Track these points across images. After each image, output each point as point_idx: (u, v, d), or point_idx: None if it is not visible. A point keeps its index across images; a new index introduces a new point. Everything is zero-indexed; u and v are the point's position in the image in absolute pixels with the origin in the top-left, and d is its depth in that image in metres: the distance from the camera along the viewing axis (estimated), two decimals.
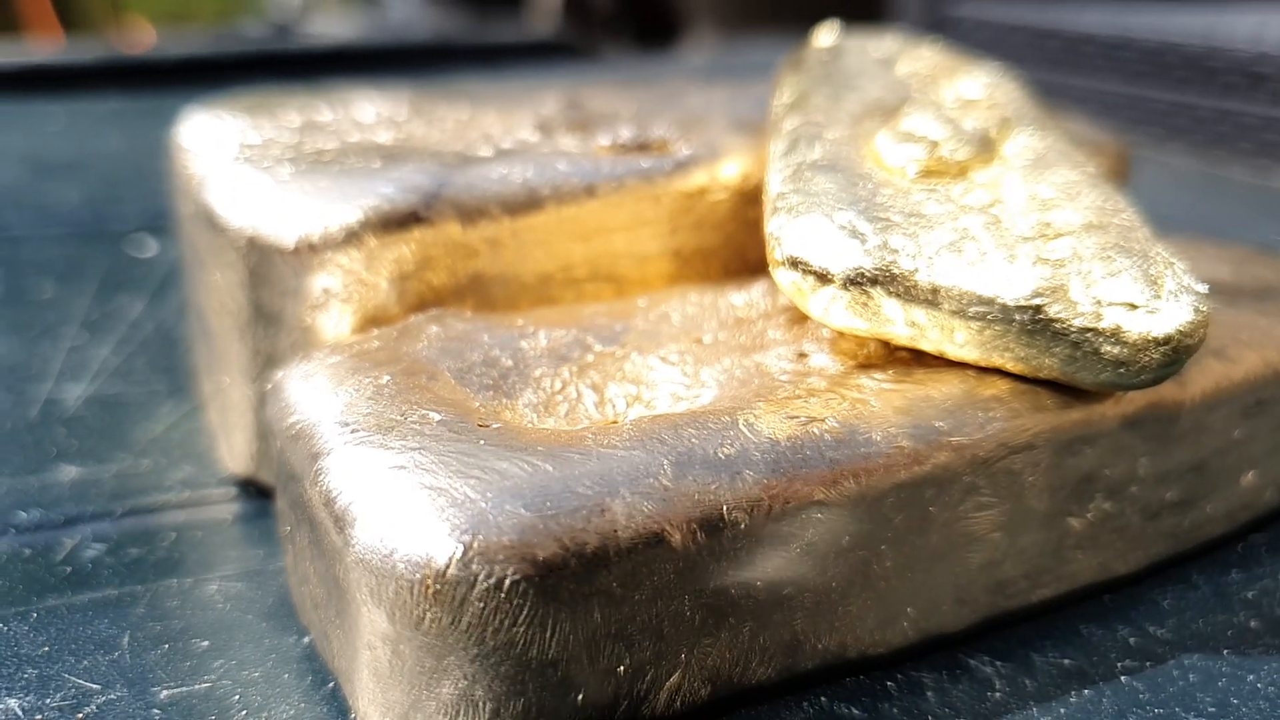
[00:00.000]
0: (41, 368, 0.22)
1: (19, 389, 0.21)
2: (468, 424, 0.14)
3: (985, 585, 0.16)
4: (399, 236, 0.17)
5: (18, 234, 0.29)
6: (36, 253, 0.28)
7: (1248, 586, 0.18)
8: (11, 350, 0.23)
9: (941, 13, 0.67)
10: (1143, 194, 0.20)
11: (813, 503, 0.13)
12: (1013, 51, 0.59)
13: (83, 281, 0.26)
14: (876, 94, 0.20)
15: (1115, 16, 0.52)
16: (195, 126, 0.20)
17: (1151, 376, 0.15)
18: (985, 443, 0.15)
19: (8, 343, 0.23)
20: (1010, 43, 0.61)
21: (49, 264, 0.27)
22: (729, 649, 0.14)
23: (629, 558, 0.12)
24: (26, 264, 0.27)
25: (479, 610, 0.12)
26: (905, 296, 0.15)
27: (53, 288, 0.26)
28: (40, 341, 0.23)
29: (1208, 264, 0.22)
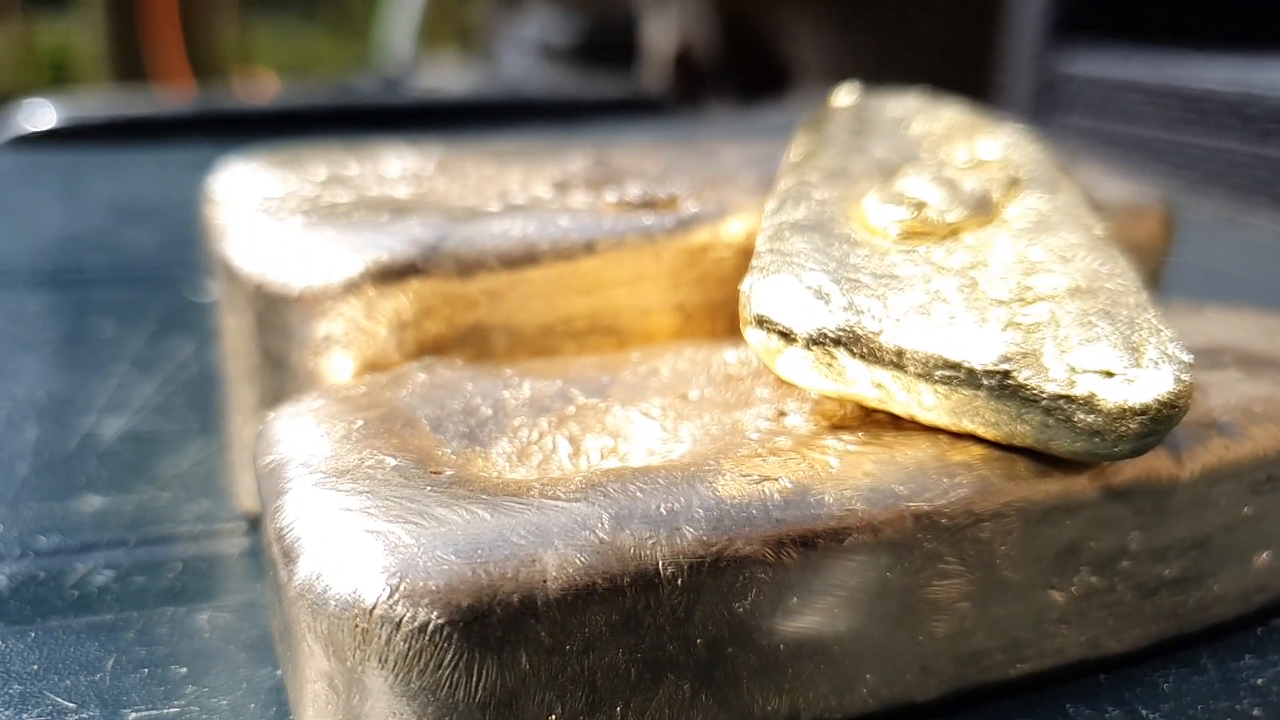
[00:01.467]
0: (87, 402, 0.24)
1: (63, 421, 0.23)
2: (420, 471, 0.14)
3: (955, 656, 0.16)
4: (397, 287, 0.18)
5: (91, 276, 0.31)
6: (105, 294, 0.30)
7: (1259, 673, 0.17)
8: (64, 385, 0.25)
9: (1053, 70, 0.67)
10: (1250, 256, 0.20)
11: (755, 562, 0.14)
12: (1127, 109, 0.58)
13: (141, 322, 0.28)
14: (881, 154, 0.20)
15: (1238, 73, 0.51)
16: (226, 178, 0.21)
17: (1130, 447, 0.15)
18: (948, 509, 0.15)
19: (62, 378, 0.25)
20: (1124, 100, 0.60)
21: (114, 305, 0.29)
22: (668, 705, 0.14)
23: (558, 609, 0.13)
24: (95, 304, 0.29)
25: (404, 651, 0.12)
26: (869, 358, 0.15)
27: (113, 327, 0.28)
28: (91, 378, 0.25)
29: (1239, 332, 0.21)
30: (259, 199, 0.20)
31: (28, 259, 0.32)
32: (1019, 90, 0.69)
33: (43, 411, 0.23)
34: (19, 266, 0.32)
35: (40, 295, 0.30)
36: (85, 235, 0.35)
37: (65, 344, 0.27)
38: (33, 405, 0.24)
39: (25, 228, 0.36)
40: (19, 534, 0.19)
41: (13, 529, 0.19)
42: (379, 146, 0.24)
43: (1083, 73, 0.65)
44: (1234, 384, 0.18)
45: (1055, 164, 0.21)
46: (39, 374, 0.25)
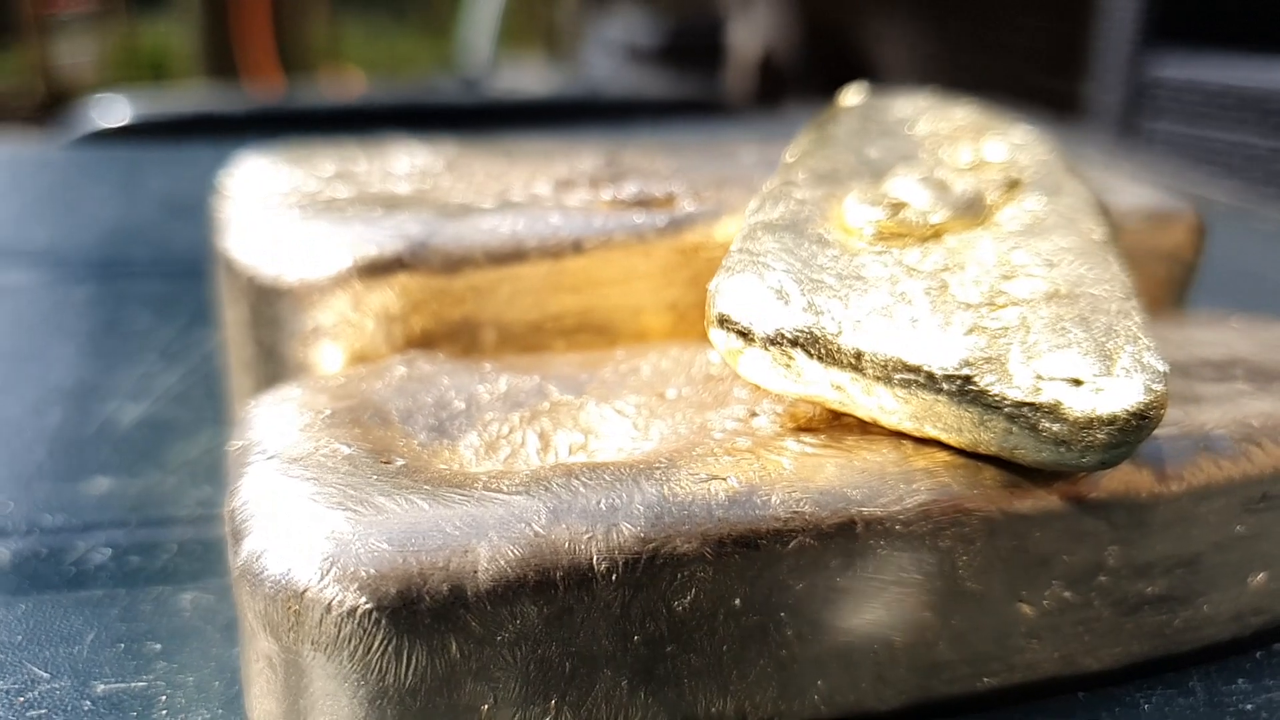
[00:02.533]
0: (111, 389, 0.25)
1: (84, 407, 0.24)
2: (370, 461, 0.15)
3: (914, 667, 0.15)
4: (384, 281, 0.19)
5: (135, 269, 0.33)
6: (145, 286, 0.31)
7: (1250, 698, 0.17)
8: (92, 372, 0.26)
9: (1144, 75, 0.65)
10: None
11: (694, 560, 0.14)
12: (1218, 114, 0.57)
13: (175, 314, 0.29)
14: (877, 154, 0.20)
15: None
16: (238, 173, 0.22)
17: (1099, 458, 0.14)
18: (903, 516, 0.14)
19: (91, 365, 0.26)
20: (1216, 105, 0.58)
21: (152, 297, 0.30)
22: (605, 701, 0.14)
23: (489, 599, 0.13)
24: (134, 295, 0.31)
25: (334, 634, 0.13)
26: (827, 359, 0.15)
27: (148, 318, 0.29)
28: (119, 366, 0.26)
29: (1261, 345, 0.21)
30: (262, 193, 0.21)
31: (79, 251, 0.34)
32: (1109, 95, 0.67)
33: (68, 397, 0.24)
34: (70, 258, 0.33)
35: (85, 286, 0.31)
36: (136, 229, 0.36)
37: (100, 333, 0.28)
38: (60, 391, 0.25)
39: (82, 220, 0.37)
40: (27, 512, 0.20)
41: (23, 507, 0.20)
42: (393, 144, 0.24)
43: (1174, 77, 0.64)
44: (1237, 398, 0.18)
45: (1065, 167, 0.20)
46: (71, 361, 0.26)
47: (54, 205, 0.40)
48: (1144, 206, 0.23)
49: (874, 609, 0.15)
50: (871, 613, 0.15)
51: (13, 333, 0.28)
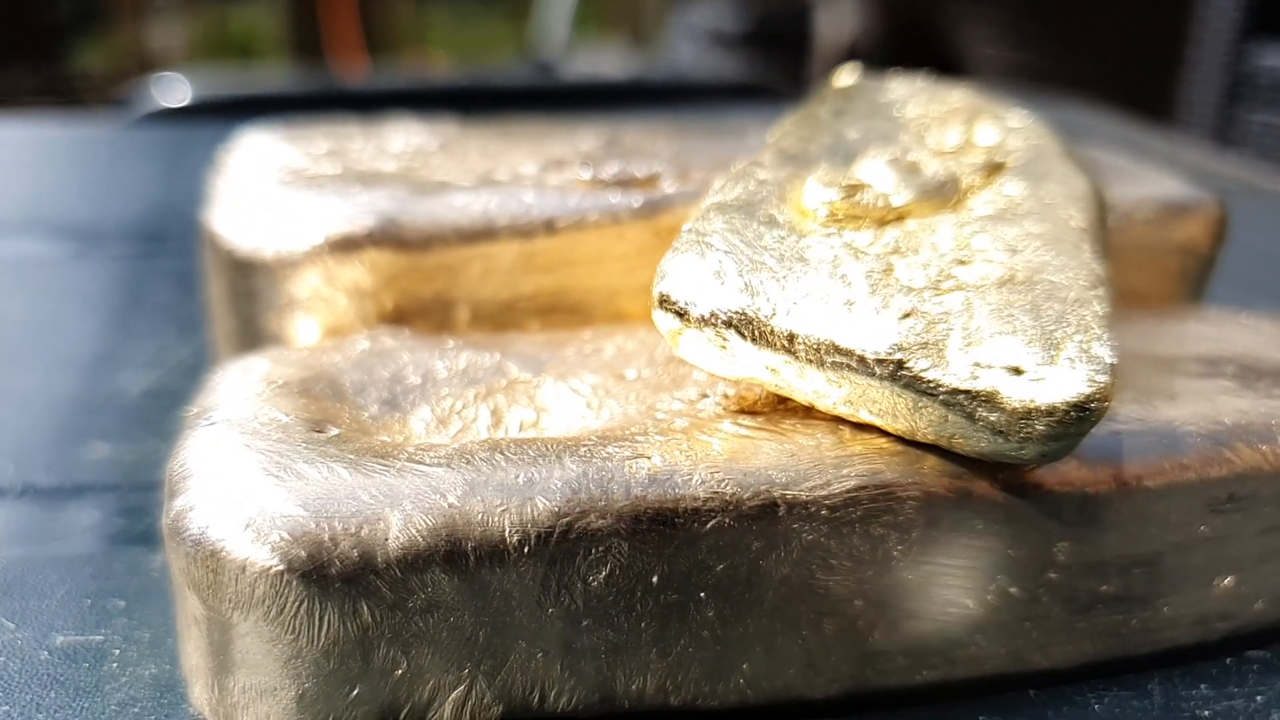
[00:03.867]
0: (125, 360, 0.26)
1: (97, 375, 0.25)
2: (303, 430, 0.15)
3: (847, 655, 0.15)
4: (354, 256, 0.19)
5: (170, 245, 0.34)
6: (174, 262, 0.32)
7: (1209, 705, 0.16)
8: (110, 343, 0.27)
9: (1243, 66, 0.63)
10: None
11: (610, 536, 0.14)
12: None
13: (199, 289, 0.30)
14: (857, 135, 0.20)
15: None
16: (235, 149, 0.23)
17: (1039, 449, 0.14)
18: (829, 501, 0.15)
19: (110, 337, 0.27)
20: None
21: (179, 272, 0.32)
22: (522, 673, 0.14)
23: (399, 567, 0.13)
24: (162, 270, 0.32)
25: (249, 594, 0.13)
26: (760, 341, 0.15)
27: (172, 292, 0.30)
28: (137, 338, 0.27)
29: (1262, 343, 0.20)
30: (252, 169, 0.22)
31: (117, 225, 0.36)
32: (1206, 87, 0.65)
33: (82, 365, 0.26)
34: (108, 232, 0.35)
35: (118, 260, 0.33)
36: (175, 205, 0.38)
37: (124, 305, 0.29)
38: (75, 359, 0.26)
39: (126, 197, 0.39)
40: (25, 473, 0.21)
41: (22, 469, 0.21)
42: (395, 123, 0.25)
43: (1275, 68, 0.62)
44: (1216, 395, 0.17)
45: (1060, 152, 0.20)
46: (91, 331, 0.28)
47: (102, 181, 0.42)
48: (1158, 197, 0.23)
49: (800, 594, 0.15)
50: (797, 597, 0.15)
51: (40, 302, 0.29)
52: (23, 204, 0.38)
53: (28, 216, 0.36)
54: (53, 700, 0.15)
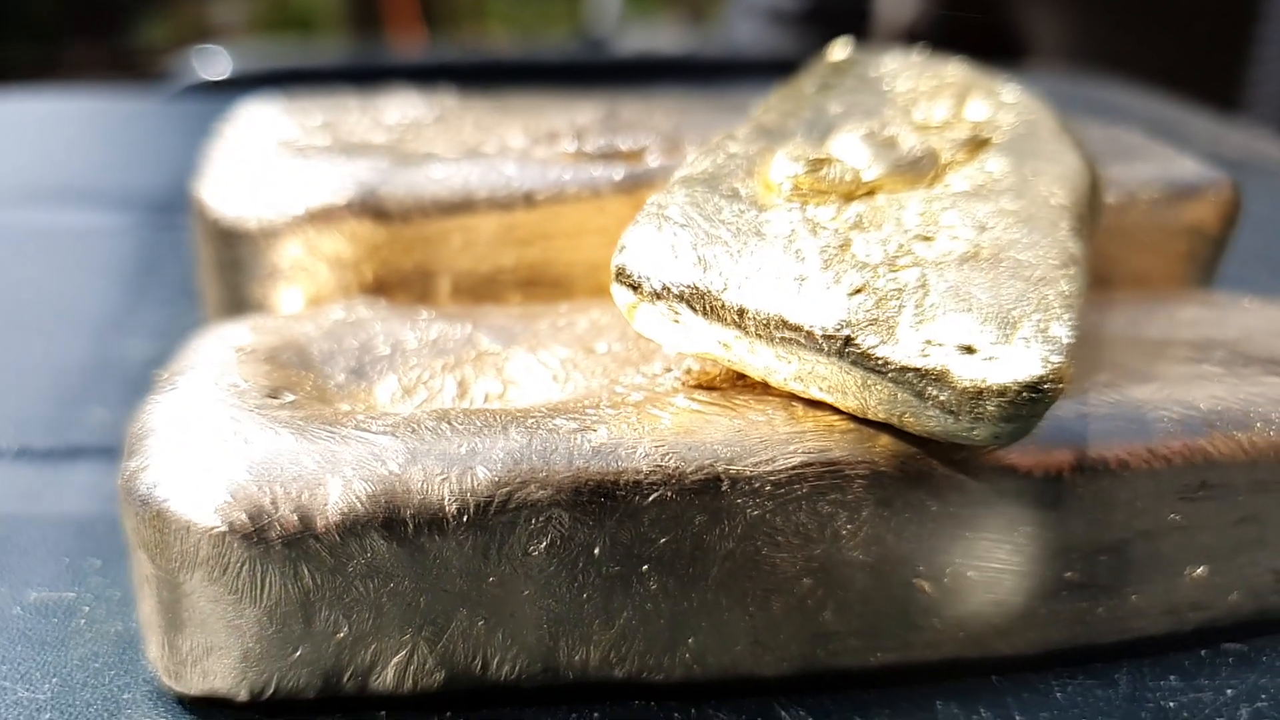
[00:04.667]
0: (135, 327, 0.27)
1: (104, 342, 0.26)
2: (258, 395, 0.15)
3: (797, 634, 0.15)
4: (334, 226, 0.20)
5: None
6: None
7: (1176, 696, 0.16)
8: (122, 309, 0.28)
9: None
10: None
11: (550, 506, 0.14)
12: None
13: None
14: (839, 109, 0.19)
15: None
16: (234, 119, 0.23)
17: (991, 430, 0.14)
18: (774, 476, 0.15)
19: (122, 305, 0.28)
20: None
21: None
22: (463, 640, 0.15)
23: (338, 532, 0.14)
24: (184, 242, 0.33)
25: (193, 554, 0.14)
26: (711, 315, 0.15)
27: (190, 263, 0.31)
28: (149, 305, 0.28)
29: (1260, 329, 0.19)
30: (245, 140, 0.22)
31: (142, 197, 0.36)
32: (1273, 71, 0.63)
33: (92, 333, 0.26)
34: (134, 203, 0.36)
35: (138, 230, 0.33)
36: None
37: (141, 274, 0.30)
38: (85, 327, 0.27)
39: (154, 168, 0.40)
40: (23, 435, 0.22)
41: (21, 431, 0.22)
42: (396, 95, 0.25)
43: None
44: (1197, 381, 0.17)
45: (1055, 128, 0.20)
46: (105, 299, 0.28)
47: (134, 153, 0.43)
48: (1166, 177, 0.22)
49: (746, 570, 0.15)
50: (743, 573, 0.15)
51: (59, 270, 0.30)
52: (54, 173, 0.39)
53: (57, 186, 0.37)
54: (18, 653, 0.16)
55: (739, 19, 1.56)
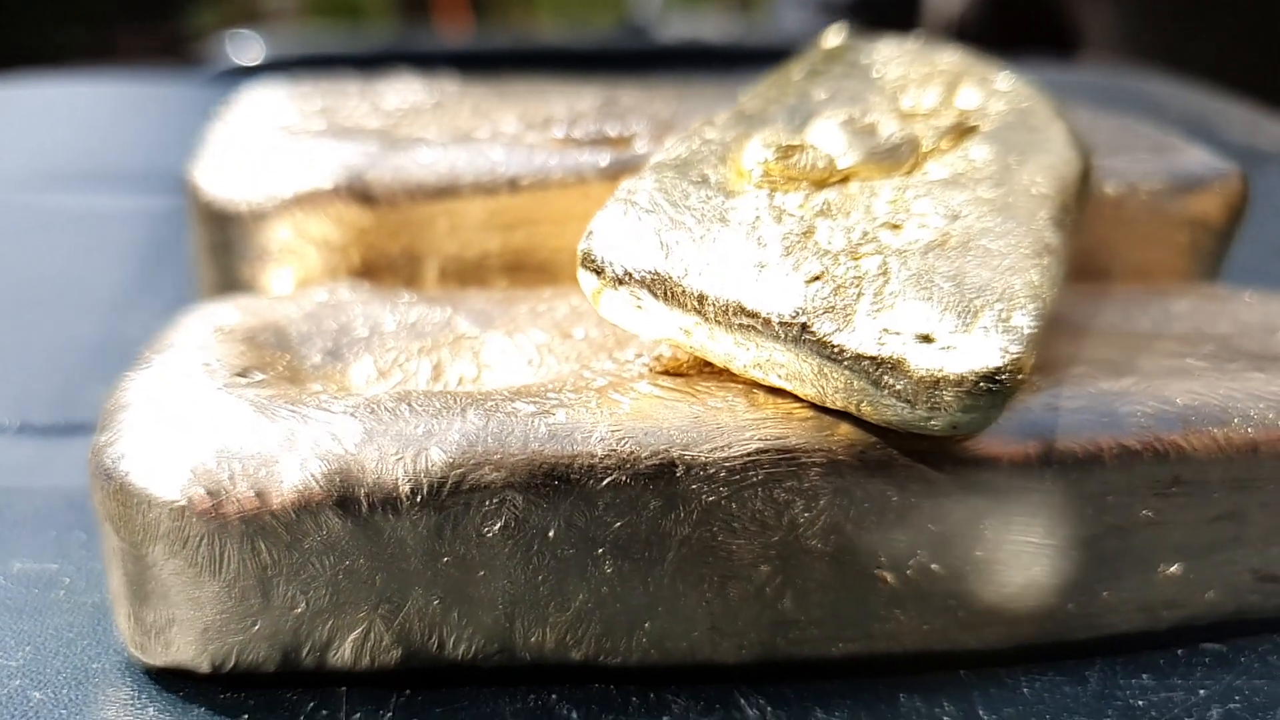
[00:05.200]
0: (143, 307, 0.27)
1: (112, 322, 0.27)
2: (227, 374, 0.16)
3: (756, 621, 0.16)
4: (321, 210, 0.20)
5: None
6: None
7: (1146, 695, 0.16)
8: (132, 292, 0.28)
9: None
10: None
11: (505, 488, 0.14)
12: None
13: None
14: (824, 95, 0.19)
15: None
16: (234, 103, 0.24)
17: (947, 420, 0.14)
18: (729, 462, 0.15)
19: (136, 281, 0.29)
20: None
21: None
22: (419, 619, 0.15)
23: (293, 509, 0.14)
24: None
25: (154, 528, 0.14)
26: (672, 301, 0.15)
27: None
28: (159, 286, 0.29)
29: (1255, 323, 0.19)
30: (243, 124, 0.22)
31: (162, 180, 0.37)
32: None
33: (102, 313, 0.27)
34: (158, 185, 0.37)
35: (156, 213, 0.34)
36: None
37: (154, 256, 0.31)
38: (96, 307, 0.27)
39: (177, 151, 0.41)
40: (24, 410, 0.23)
41: (23, 406, 0.23)
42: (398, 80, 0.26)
43: None
44: (1178, 375, 0.17)
45: (1049, 116, 0.20)
46: (119, 278, 0.29)
47: (162, 137, 0.43)
48: (1171, 169, 0.22)
49: (703, 555, 0.15)
50: (700, 559, 0.15)
51: (76, 251, 0.31)
52: (84, 157, 0.40)
53: (85, 168, 0.38)
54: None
55: (787, 9, 1.55)
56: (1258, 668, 0.17)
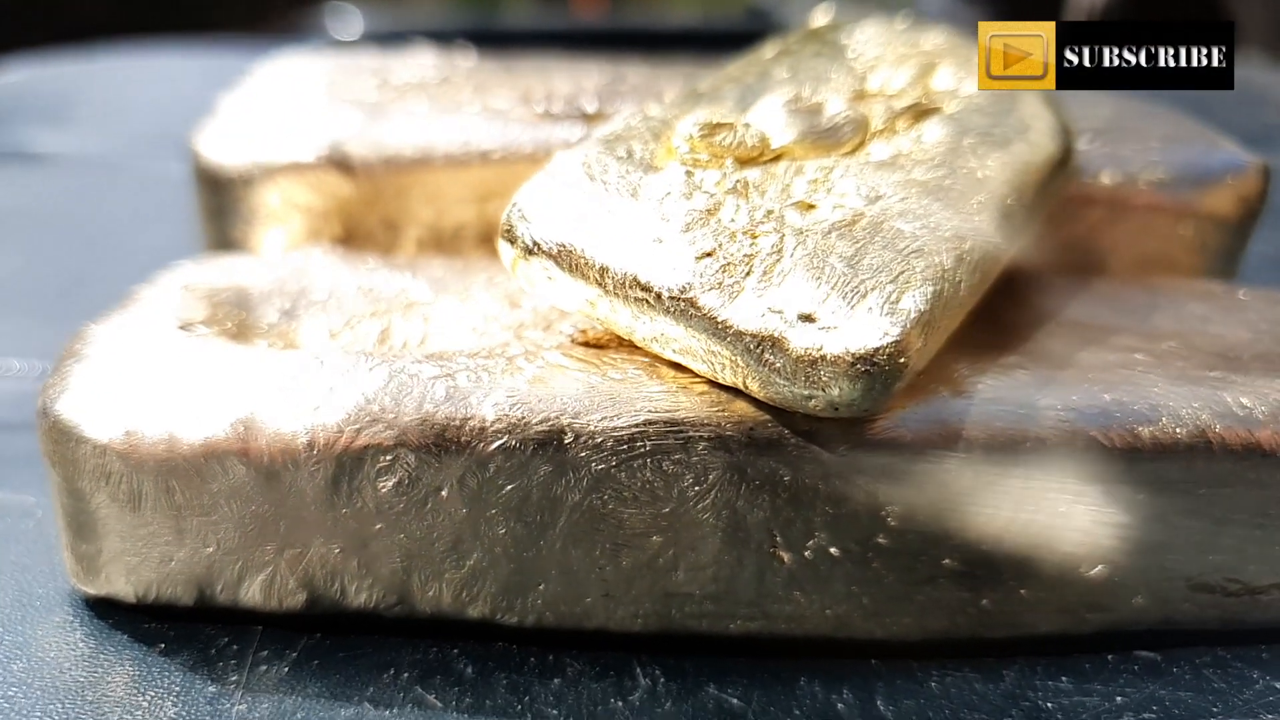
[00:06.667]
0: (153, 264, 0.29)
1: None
2: (173, 326, 0.17)
3: (649, 591, 0.16)
4: (303, 178, 0.21)
5: None
6: None
7: (1059, 698, 0.16)
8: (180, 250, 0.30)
9: None
10: None
11: (395, 448, 0.15)
12: None
13: None
14: (784, 75, 0.20)
15: None
16: (253, 73, 0.25)
17: (827, 399, 0.14)
18: (617, 432, 0.15)
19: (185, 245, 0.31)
20: None
21: None
22: (321, 565, 0.16)
23: (201, 454, 0.15)
24: None
25: (82, 464, 0.15)
26: (576, 273, 0.16)
27: None
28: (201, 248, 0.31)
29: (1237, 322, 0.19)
30: (253, 93, 0.24)
31: None
32: None
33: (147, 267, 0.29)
34: None
35: None
36: None
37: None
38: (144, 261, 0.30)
39: None
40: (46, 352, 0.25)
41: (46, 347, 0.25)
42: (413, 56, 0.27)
43: None
44: (1118, 371, 0.17)
45: (1033, 101, 0.19)
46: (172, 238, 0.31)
47: None
48: (1179, 161, 0.21)
49: (594, 523, 0.16)
50: (591, 526, 0.16)
51: (145, 213, 0.33)
52: (169, 125, 0.42)
53: (170, 135, 0.41)
54: None
55: None
56: (1188, 679, 0.16)
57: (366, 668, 0.16)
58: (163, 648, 0.16)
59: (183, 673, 0.16)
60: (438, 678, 0.16)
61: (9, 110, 0.40)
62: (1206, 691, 0.16)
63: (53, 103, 0.41)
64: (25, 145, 0.37)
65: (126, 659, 0.16)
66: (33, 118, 0.40)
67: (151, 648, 0.16)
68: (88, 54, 0.47)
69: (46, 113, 0.40)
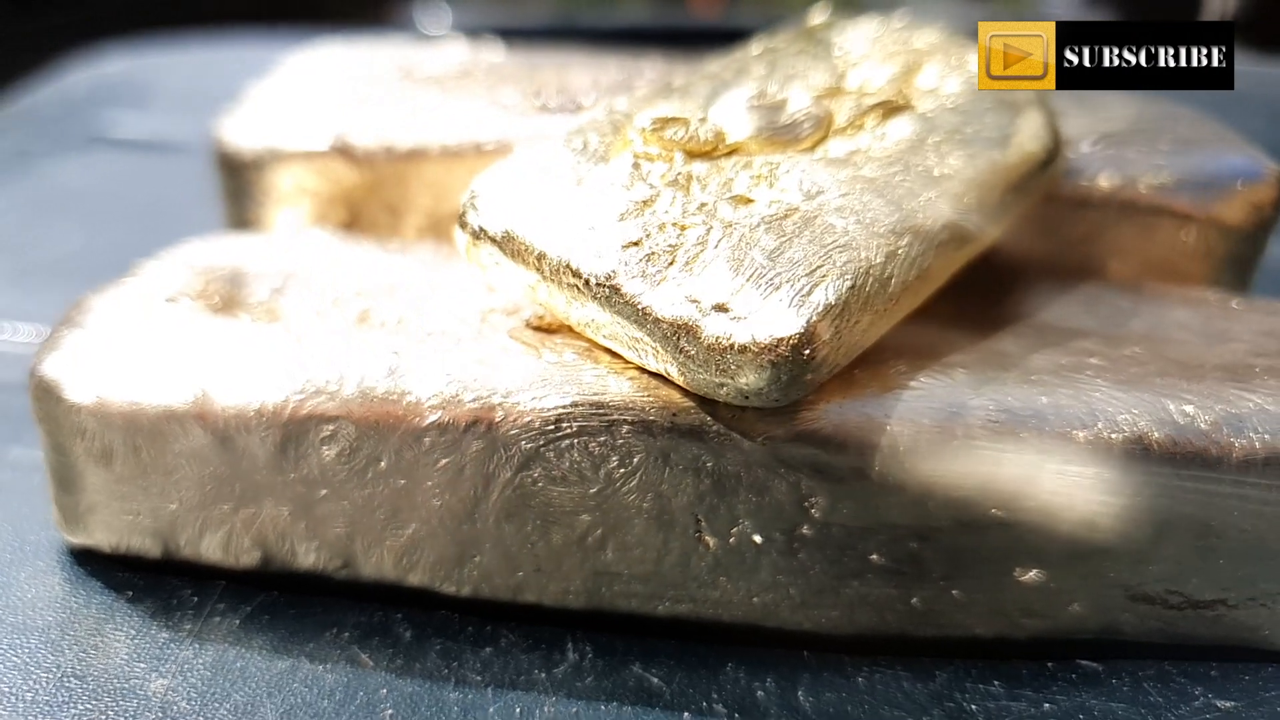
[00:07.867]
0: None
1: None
2: (159, 299, 0.19)
3: (579, 568, 0.17)
4: (311, 165, 0.23)
5: None
6: None
7: (985, 701, 0.16)
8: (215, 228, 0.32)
9: None
10: None
11: (334, 418, 0.16)
12: None
13: None
14: (762, 71, 0.20)
15: None
16: (284, 61, 0.27)
17: (737, 389, 0.15)
18: (545, 413, 0.16)
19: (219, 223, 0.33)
20: None
21: None
22: (272, 525, 0.17)
23: (163, 418, 0.17)
24: None
25: (62, 420, 0.17)
26: (517, 258, 0.17)
27: None
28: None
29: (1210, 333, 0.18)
30: (279, 81, 0.25)
31: None
32: None
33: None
34: None
35: None
36: None
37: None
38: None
39: None
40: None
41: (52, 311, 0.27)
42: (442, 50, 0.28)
43: None
44: (1065, 374, 0.17)
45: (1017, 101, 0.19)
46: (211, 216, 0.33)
47: None
48: (1185, 166, 0.21)
49: (525, 499, 0.16)
50: (523, 502, 0.16)
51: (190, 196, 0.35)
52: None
53: None
54: None
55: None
56: (1125, 691, 0.16)
57: (312, 626, 0.17)
58: (130, 595, 0.18)
59: (142, 619, 0.17)
60: (376, 639, 0.17)
61: (100, 97, 0.43)
62: (1140, 704, 0.16)
63: (140, 90, 0.44)
64: (107, 130, 0.40)
65: (95, 604, 0.18)
66: (120, 104, 0.42)
67: (120, 595, 0.18)
68: (181, 45, 0.50)
69: (132, 99, 0.43)
